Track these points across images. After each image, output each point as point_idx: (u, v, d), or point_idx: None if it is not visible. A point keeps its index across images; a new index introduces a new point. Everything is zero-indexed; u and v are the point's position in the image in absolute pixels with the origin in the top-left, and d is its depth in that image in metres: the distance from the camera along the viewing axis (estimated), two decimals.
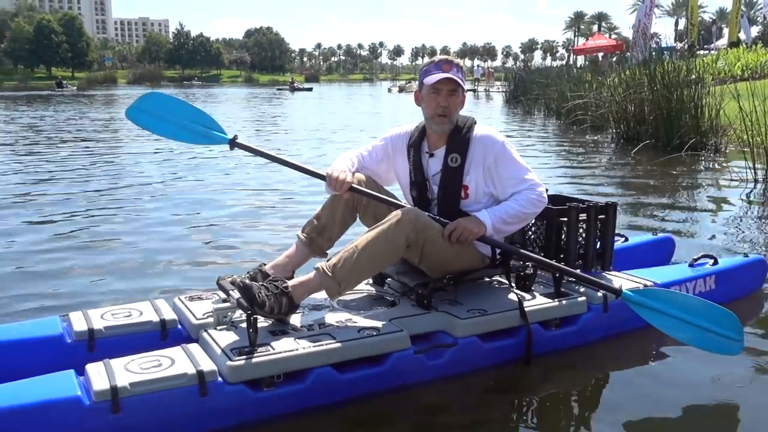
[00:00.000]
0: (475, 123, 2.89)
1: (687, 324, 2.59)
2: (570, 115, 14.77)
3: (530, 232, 3.24)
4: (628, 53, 20.76)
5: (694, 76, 10.74)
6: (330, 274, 2.56)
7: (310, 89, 51.17)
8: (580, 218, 3.08)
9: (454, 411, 2.53)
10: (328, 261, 2.62)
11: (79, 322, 2.61)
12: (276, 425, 2.33)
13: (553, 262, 2.92)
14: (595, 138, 12.64)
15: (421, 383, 2.59)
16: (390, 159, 3.03)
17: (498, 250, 2.90)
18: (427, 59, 2.96)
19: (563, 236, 3.08)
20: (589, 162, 9.74)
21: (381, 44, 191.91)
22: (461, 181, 2.84)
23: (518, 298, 2.83)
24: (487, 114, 22.02)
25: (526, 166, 2.85)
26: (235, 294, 2.51)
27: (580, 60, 33.90)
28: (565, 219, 3.05)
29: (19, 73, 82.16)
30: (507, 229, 2.83)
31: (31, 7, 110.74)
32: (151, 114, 3.05)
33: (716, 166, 8.99)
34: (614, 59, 23.91)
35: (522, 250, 2.86)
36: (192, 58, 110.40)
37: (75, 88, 55.31)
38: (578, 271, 3.08)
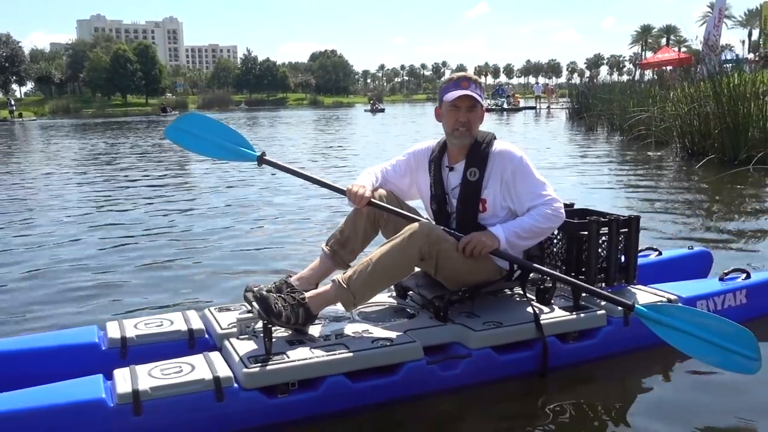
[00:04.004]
0: (495, 138, 2.95)
1: (701, 341, 2.55)
2: (632, 131, 14.48)
3: (555, 247, 3.25)
4: (694, 67, 20.20)
5: (765, 88, 10.42)
6: (345, 286, 2.66)
7: (383, 110, 51.26)
8: (602, 232, 3.08)
9: (467, 421, 2.57)
10: (344, 273, 2.72)
11: (113, 331, 2.79)
12: (290, 430, 2.42)
13: (561, 275, 2.93)
14: (659, 153, 12.35)
15: (435, 393, 2.64)
16: (413, 173, 3.12)
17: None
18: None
19: (584, 250, 3.08)
20: (650, 177, 9.53)
21: (444, 64, 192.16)
22: (479, 194, 2.90)
23: (535, 311, 2.85)
24: (548, 131, 21.78)
25: (544, 181, 2.88)
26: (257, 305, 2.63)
27: (648, 74, 33.04)
28: (586, 233, 3.05)
29: (97, 101, 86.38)
30: (522, 244, 2.87)
31: (109, 37, 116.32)
32: (187, 133, 3.23)
33: None
34: (678, 73, 23.26)
35: (533, 264, 2.88)
36: (259, 83, 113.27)
37: (177, 112, 57.84)
38: (602, 285, 3.10)
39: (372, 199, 2.89)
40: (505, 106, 42.78)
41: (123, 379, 2.32)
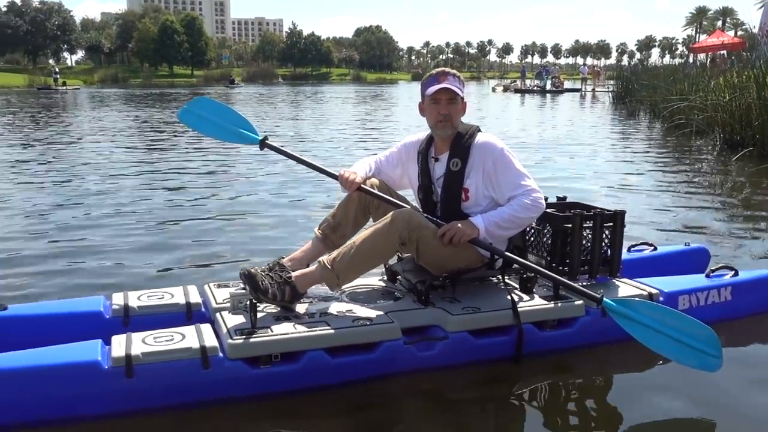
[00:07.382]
0: (479, 130, 3.08)
1: (666, 337, 2.64)
2: (672, 119, 14.21)
3: (544, 237, 3.34)
4: (747, 53, 19.56)
5: None
6: (329, 267, 2.83)
7: None
8: (586, 225, 3.17)
9: (440, 400, 2.73)
10: (329, 255, 2.88)
11: (118, 301, 3.02)
12: (272, 401, 2.61)
13: (533, 265, 3.04)
14: (698, 143, 12.14)
15: (411, 372, 2.80)
16: (404, 164, 3.26)
17: None
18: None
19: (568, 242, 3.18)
20: (682, 168, 9.38)
21: (490, 42, 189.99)
22: (462, 184, 3.03)
23: (513, 298, 2.98)
24: (590, 117, 21.42)
25: (524, 171, 2.99)
26: None
27: (701, 58, 31.90)
28: (570, 226, 3.14)
29: (144, 71, 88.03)
30: (502, 233, 2.98)
31: (157, 8, 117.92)
32: (197, 115, 3.43)
33: None
34: (729, 59, 22.56)
35: (506, 253, 3.00)
36: (303, 57, 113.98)
37: (243, 85, 58.81)
38: (586, 277, 3.20)
39: (362, 185, 3.03)
40: (548, 87, 42.22)
41: (118, 345, 2.54)
